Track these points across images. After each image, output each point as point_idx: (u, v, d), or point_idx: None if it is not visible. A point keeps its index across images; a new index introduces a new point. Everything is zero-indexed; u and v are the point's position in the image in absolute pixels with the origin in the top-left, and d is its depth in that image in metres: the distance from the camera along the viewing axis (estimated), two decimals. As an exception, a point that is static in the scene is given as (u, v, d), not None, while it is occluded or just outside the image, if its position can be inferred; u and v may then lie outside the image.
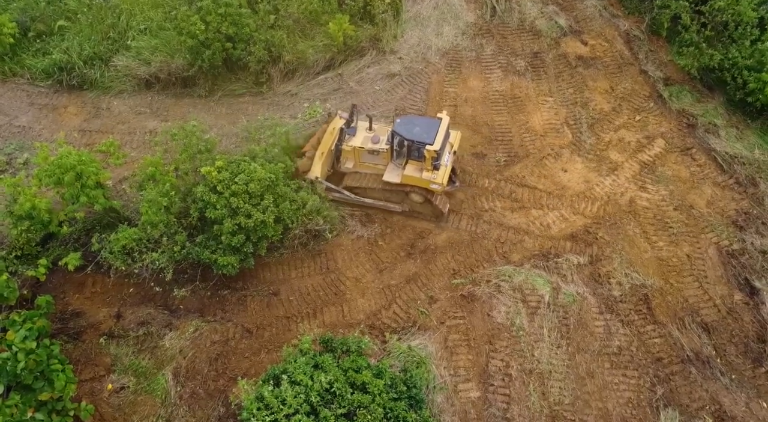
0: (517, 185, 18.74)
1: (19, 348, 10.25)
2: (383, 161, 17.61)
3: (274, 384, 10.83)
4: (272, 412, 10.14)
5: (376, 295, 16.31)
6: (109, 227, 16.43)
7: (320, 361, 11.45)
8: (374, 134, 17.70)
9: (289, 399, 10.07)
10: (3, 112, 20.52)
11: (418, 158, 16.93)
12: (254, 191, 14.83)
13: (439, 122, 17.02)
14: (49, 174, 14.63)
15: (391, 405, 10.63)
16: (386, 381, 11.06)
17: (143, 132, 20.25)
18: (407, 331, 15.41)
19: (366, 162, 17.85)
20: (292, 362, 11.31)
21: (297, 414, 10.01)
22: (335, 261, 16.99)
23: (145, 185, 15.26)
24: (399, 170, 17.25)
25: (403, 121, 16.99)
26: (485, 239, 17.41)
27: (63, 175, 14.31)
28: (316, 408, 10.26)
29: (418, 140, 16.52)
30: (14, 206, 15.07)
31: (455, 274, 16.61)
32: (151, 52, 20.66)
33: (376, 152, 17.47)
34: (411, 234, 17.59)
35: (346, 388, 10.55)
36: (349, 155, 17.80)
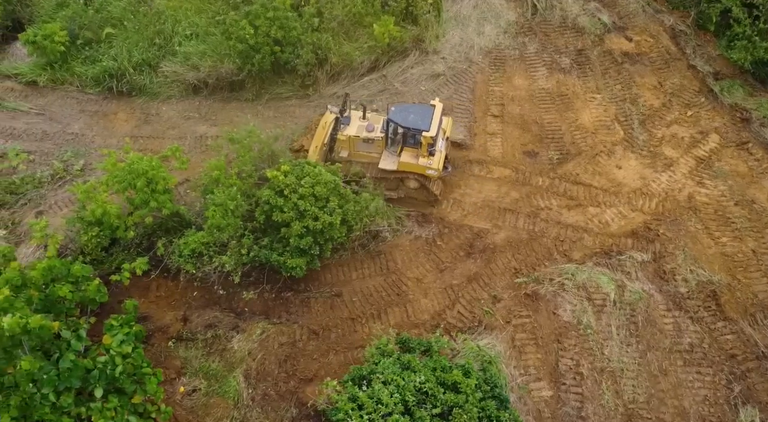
0: (572, 182, 18.65)
1: (116, 352, 10.35)
2: (378, 149, 17.67)
3: (363, 385, 10.85)
4: (368, 412, 10.16)
5: (439, 295, 16.31)
6: (170, 232, 16.57)
7: (405, 361, 11.45)
8: (368, 123, 17.71)
9: (385, 399, 10.08)
10: (55, 119, 20.76)
11: (413, 144, 17.17)
12: (320, 194, 14.89)
13: (432, 108, 17.32)
14: (120, 180, 14.78)
15: (482, 404, 10.61)
16: (475, 380, 11.04)
17: (194, 137, 20.39)
18: (473, 331, 15.38)
19: (360, 151, 17.80)
20: (379, 362, 11.32)
21: (393, 414, 10.03)
22: (395, 262, 17.00)
23: (211, 189, 15.36)
24: (394, 158, 17.46)
25: (397, 109, 17.18)
26: (544, 237, 17.35)
27: (135, 180, 14.45)
28: (410, 408, 10.27)
29: (414, 127, 16.78)
30: (84, 212, 15.23)
31: (517, 273, 16.57)
32: (199, 57, 20.81)
33: (370, 140, 17.50)
34: (468, 234, 17.56)
35: (438, 388, 10.54)
36: (344, 144, 17.70)
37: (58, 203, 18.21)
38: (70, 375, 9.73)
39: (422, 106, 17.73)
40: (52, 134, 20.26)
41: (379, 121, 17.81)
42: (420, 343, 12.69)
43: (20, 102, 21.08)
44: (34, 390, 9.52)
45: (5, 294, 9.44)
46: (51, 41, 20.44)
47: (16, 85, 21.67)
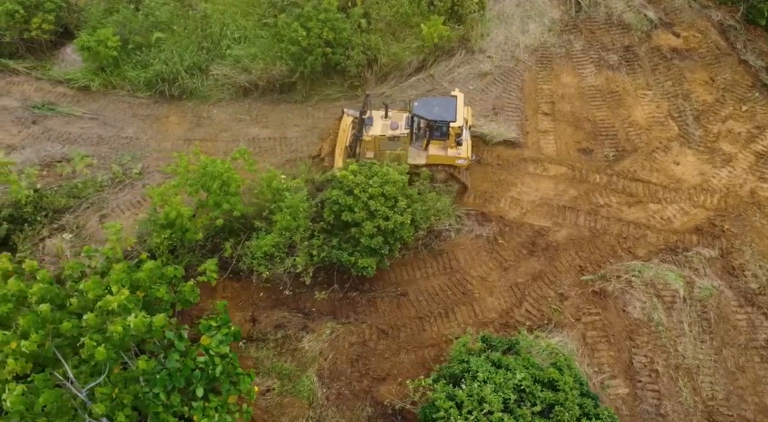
0: (630, 179, 18.58)
1: (215, 353, 10.44)
2: (403, 146, 17.76)
3: (460, 383, 10.87)
4: (468, 410, 10.17)
5: (505, 293, 16.30)
6: (233, 233, 16.67)
7: (496, 359, 11.45)
8: (392, 121, 17.77)
9: (489, 397, 10.08)
10: (109, 123, 20.96)
11: (440, 137, 17.33)
12: (390, 193, 14.94)
13: (455, 99, 17.52)
14: (193, 182, 14.90)
15: (579, 401, 10.60)
16: (570, 378, 11.03)
17: (246, 139, 20.49)
18: (543, 328, 15.36)
19: (386, 149, 17.82)
20: (468, 361, 11.32)
21: (494, 413, 10.03)
22: (457, 261, 17.01)
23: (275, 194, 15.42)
24: (421, 152, 17.63)
25: (420, 103, 17.34)
26: (606, 234, 17.30)
27: (210, 182, 14.55)
28: (510, 406, 10.27)
29: (440, 120, 16.93)
30: (156, 215, 15.37)
31: (582, 270, 16.53)
32: (250, 59, 20.94)
33: (396, 137, 17.56)
34: (529, 232, 17.54)
35: (535, 386, 10.54)
36: (369, 144, 17.72)
37: (120, 207, 18.39)
38: (180, 375, 9.83)
39: (444, 98, 17.96)
40: (107, 138, 20.45)
41: (402, 118, 17.93)
42: (501, 341, 12.69)
43: (74, 107, 21.30)
44: (146, 390, 9.63)
45: (125, 295, 9.54)
46: (104, 46, 20.64)
47: (68, 90, 21.89)
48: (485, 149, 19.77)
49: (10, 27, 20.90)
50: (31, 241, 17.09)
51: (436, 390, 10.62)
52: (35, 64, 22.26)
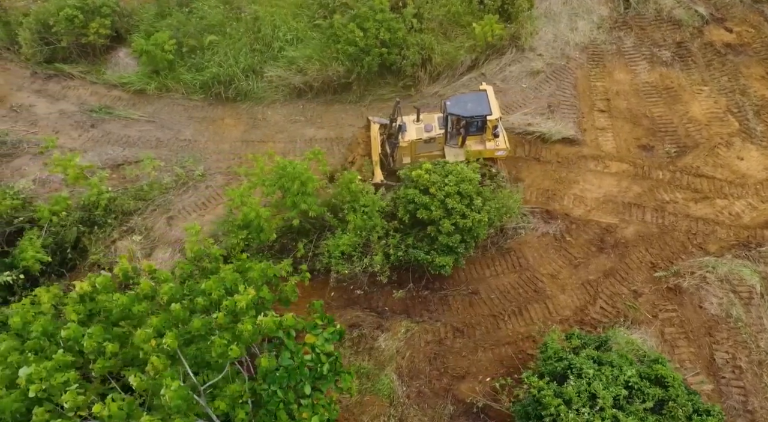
0: (694, 175, 18.51)
1: (321, 351, 10.49)
2: (438, 147, 17.84)
3: (559, 381, 10.86)
4: (577, 407, 10.16)
5: (577, 291, 16.26)
6: (303, 234, 16.74)
7: (595, 356, 11.43)
8: (425, 124, 17.83)
9: (601, 393, 10.07)
10: (166, 126, 21.12)
11: (476, 132, 17.40)
12: (466, 191, 14.96)
13: (485, 93, 17.58)
14: (270, 183, 14.98)
15: (688, 397, 10.56)
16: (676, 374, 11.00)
17: (303, 140, 20.61)
18: (619, 325, 15.31)
19: (422, 153, 17.92)
20: (566, 358, 11.30)
21: (605, 409, 10.02)
22: (526, 259, 17.00)
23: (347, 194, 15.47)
24: (458, 150, 17.65)
25: (453, 102, 17.35)
26: (675, 230, 17.22)
27: (289, 183, 14.63)
28: (620, 403, 10.25)
29: (477, 115, 16.98)
30: (233, 216, 15.47)
31: (654, 267, 16.47)
32: (305, 61, 21.04)
33: (431, 139, 17.64)
34: (596, 229, 17.50)
35: (644, 382, 10.52)
36: (406, 150, 17.78)
37: (185, 208, 18.53)
38: (298, 372, 9.90)
39: (474, 93, 18.02)
40: (166, 141, 20.62)
41: (434, 119, 18.00)
42: (592, 339, 12.66)
43: (130, 110, 21.48)
44: (265, 387, 9.70)
45: (252, 294, 9.62)
46: (161, 50, 20.81)
47: (123, 93, 22.08)
48: (543, 147, 19.76)
49: (69, 32, 21.09)
50: (103, 243, 17.26)
51: (542, 387, 10.60)
52: (89, 68, 22.46)
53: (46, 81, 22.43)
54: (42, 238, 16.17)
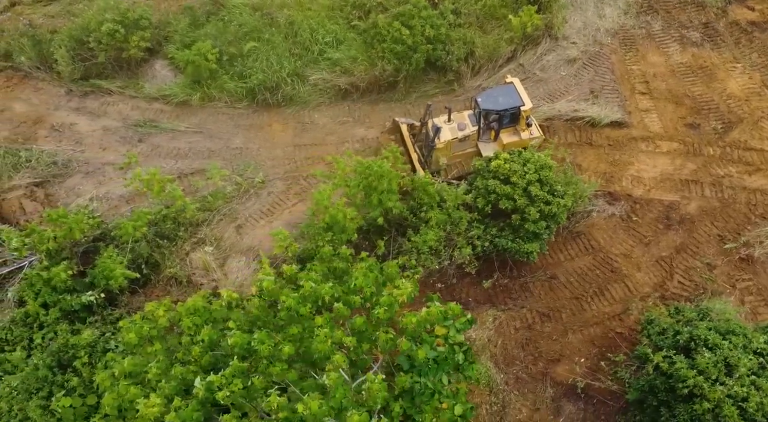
0: (743, 149, 19.17)
1: (453, 342, 10.69)
2: (471, 144, 18.23)
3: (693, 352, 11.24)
4: (715, 378, 10.53)
5: (653, 268, 16.75)
6: (379, 233, 16.83)
7: (711, 327, 11.86)
8: (458, 122, 18.09)
9: (742, 362, 10.45)
10: (215, 136, 20.96)
11: (509, 124, 17.88)
12: (546, 178, 15.29)
13: (512, 85, 18.11)
14: (356, 183, 15.05)
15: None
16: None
17: (354, 140, 20.70)
18: (700, 298, 15.82)
19: (457, 152, 18.30)
20: (693, 330, 11.69)
21: (743, 377, 10.41)
22: (597, 241, 17.42)
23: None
24: (492, 144, 18.10)
25: (483, 98, 17.73)
26: (735, 203, 17.84)
27: (375, 182, 14.73)
28: (756, 371, 10.66)
29: (511, 107, 17.45)
30: (314, 218, 15.52)
31: (722, 239, 17.04)
32: (350, 62, 21.13)
33: (466, 137, 17.98)
34: (660, 207, 18.02)
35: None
36: (443, 151, 18.00)
37: (252, 216, 18.49)
38: (446, 363, 10.09)
39: (502, 87, 18.46)
40: (217, 151, 20.48)
41: (464, 118, 18.30)
42: (692, 311, 13.10)
43: (175, 122, 21.27)
44: (417, 379, 9.86)
45: (409, 288, 9.77)
46: (204, 59, 20.67)
47: (165, 106, 21.82)
48: (593, 131, 20.22)
49: (109, 46, 20.79)
50: (176, 256, 17.12)
51: (674, 360, 10.93)
52: (126, 82, 22.14)
53: (83, 98, 22.06)
54: (121, 255, 16.01)
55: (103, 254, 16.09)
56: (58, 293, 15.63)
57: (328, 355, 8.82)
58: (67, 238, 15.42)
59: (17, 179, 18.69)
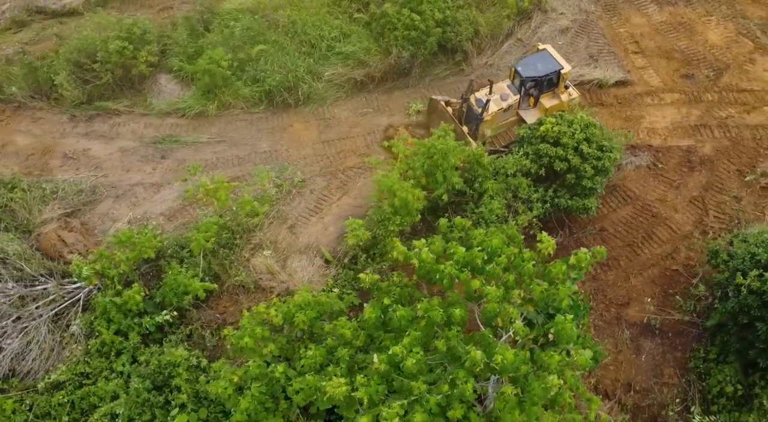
0: (737, 91, 21.03)
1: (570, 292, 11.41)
2: (513, 112, 19.29)
3: None
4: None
5: (688, 208, 18.21)
6: (434, 211, 17.29)
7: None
8: (501, 93, 18.98)
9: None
10: (239, 143, 20.65)
11: (549, 88, 18.97)
12: (593, 136, 16.30)
13: (546, 51, 19.31)
14: (420, 164, 15.42)
15: None
16: None
17: (379, 129, 21.03)
18: (736, 228, 17.39)
19: (500, 122, 19.30)
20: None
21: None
22: (632, 191, 18.74)
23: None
24: (533, 110, 19.17)
25: (524, 67, 18.74)
26: (743, 140, 19.62)
27: (442, 160, 15.15)
28: None
29: (551, 72, 18.57)
30: (381, 204, 15.79)
31: (741, 173, 18.74)
32: (363, 53, 21.40)
33: (509, 107, 18.99)
34: (680, 152, 19.54)
35: None
36: (489, 123, 18.92)
37: (302, 215, 18.50)
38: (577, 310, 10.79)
39: (537, 54, 19.39)
40: (246, 157, 20.24)
41: (503, 88, 19.20)
42: (751, 236, 14.51)
43: (195, 134, 20.80)
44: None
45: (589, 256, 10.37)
46: (218, 66, 20.34)
47: (179, 120, 21.25)
48: (601, 92, 21.55)
49: (116, 65, 20.01)
50: (239, 264, 16.92)
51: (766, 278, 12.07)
52: (133, 101, 21.42)
53: (90, 123, 21.15)
54: (190, 269, 15.73)
55: (168, 272, 15.74)
56: (130, 317, 15.21)
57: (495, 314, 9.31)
58: (139, 258, 14.96)
59: (48, 212, 17.78)
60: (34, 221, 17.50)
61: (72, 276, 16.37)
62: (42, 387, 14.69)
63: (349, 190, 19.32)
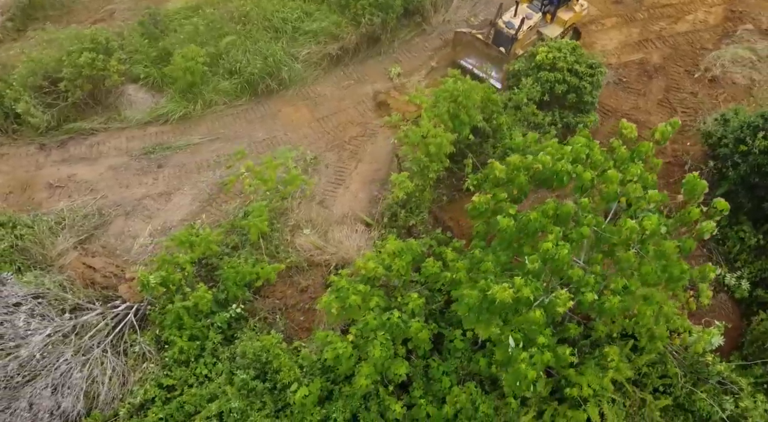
0: (660, 7, 23.97)
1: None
2: (535, 31, 21.16)
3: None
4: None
5: (658, 108, 20.64)
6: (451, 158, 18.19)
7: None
8: (527, 13, 20.68)
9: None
10: (233, 137, 20.02)
11: (563, 2, 21.06)
12: (581, 57, 18.06)
13: None
14: (445, 109, 16.13)
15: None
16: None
17: (368, 98, 21.52)
18: (700, 117, 20.14)
19: (527, 41, 21.02)
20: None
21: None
22: (609, 105, 20.71)
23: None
24: (551, 26, 21.12)
25: None
26: (680, 45, 22.47)
27: (466, 99, 15.99)
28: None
29: None
30: (415, 155, 16.38)
31: (689, 72, 21.58)
32: (335, 26, 21.66)
33: (535, 24, 20.83)
34: (636, 65, 22.00)
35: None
36: (521, 42, 20.58)
37: (326, 189, 18.66)
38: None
39: None
40: (247, 148, 19.73)
41: (524, 10, 20.90)
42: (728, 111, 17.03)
43: (186, 138, 19.98)
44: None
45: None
46: (196, 62, 19.65)
47: (162, 127, 20.27)
48: (552, 28, 23.61)
49: (86, 80, 18.58)
50: (284, 246, 16.75)
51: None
52: (106, 116, 20.10)
53: (63, 148, 19.60)
54: (246, 257, 15.43)
55: (224, 267, 15.32)
56: (203, 318, 14.70)
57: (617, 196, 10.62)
58: (206, 254, 14.43)
59: (62, 243, 16.38)
60: (51, 255, 16.08)
61: (114, 300, 15.46)
62: (124, 413, 13.83)
63: (362, 157, 19.71)
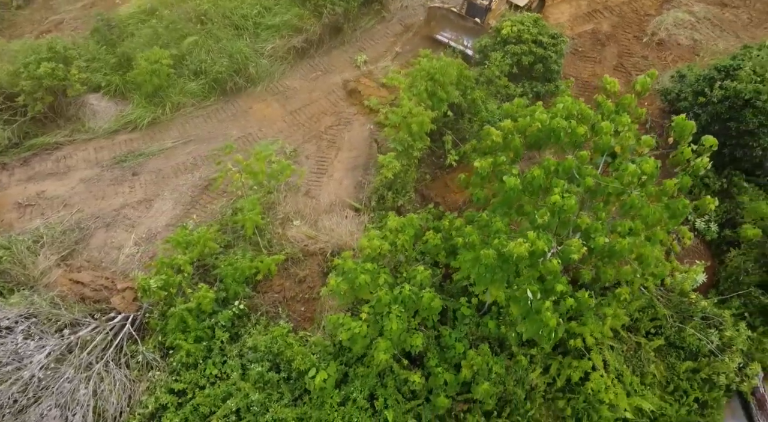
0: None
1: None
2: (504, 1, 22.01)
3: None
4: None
5: (615, 74, 21.60)
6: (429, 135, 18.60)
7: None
8: None
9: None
10: (208, 138, 19.70)
11: None
12: (543, 28, 18.79)
13: None
14: (423, 88, 16.45)
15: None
16: None
17: (337, 88, 21.56)
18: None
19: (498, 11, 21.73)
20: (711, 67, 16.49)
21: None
22: (570, 73, 21.60)
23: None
24: None
25: None
26: (625, 14, 23.81)
27: (442, 76, 16.35)
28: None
29: None
30: (403, 137, 16.61)
31: (638, 38, 22.83)
32: (298, 19, 21.59)
33: None
34: (588, 36, 23.07)
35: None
36: (494, 12, 21.37)
37: (311, 180, 18.57)
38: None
39: None
40: (222, 148, 19.47)
41: None
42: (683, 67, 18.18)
43: (159, 143, 19.45)
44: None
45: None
46: (161, 64, 19.15)
47: (131, 134, 19.64)
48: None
49: (47, 92, 17.73)
50: (276, 239, 16.63)
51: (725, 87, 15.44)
52: (69, 129, 19.28)
53: (26, 166, 18.69)
54: (240, 254, 15.25)
55: (220, 265, 15.10)
56: (206, 318, 14.45)
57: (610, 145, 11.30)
58: (204, 253, 14.14)
59: (43, 261, 15.64)
60: (33, 274, 15.33)
61: (109, 312, 14.95)
62: (137, 423, 13.44)
63: (341, 146, 19.77)
